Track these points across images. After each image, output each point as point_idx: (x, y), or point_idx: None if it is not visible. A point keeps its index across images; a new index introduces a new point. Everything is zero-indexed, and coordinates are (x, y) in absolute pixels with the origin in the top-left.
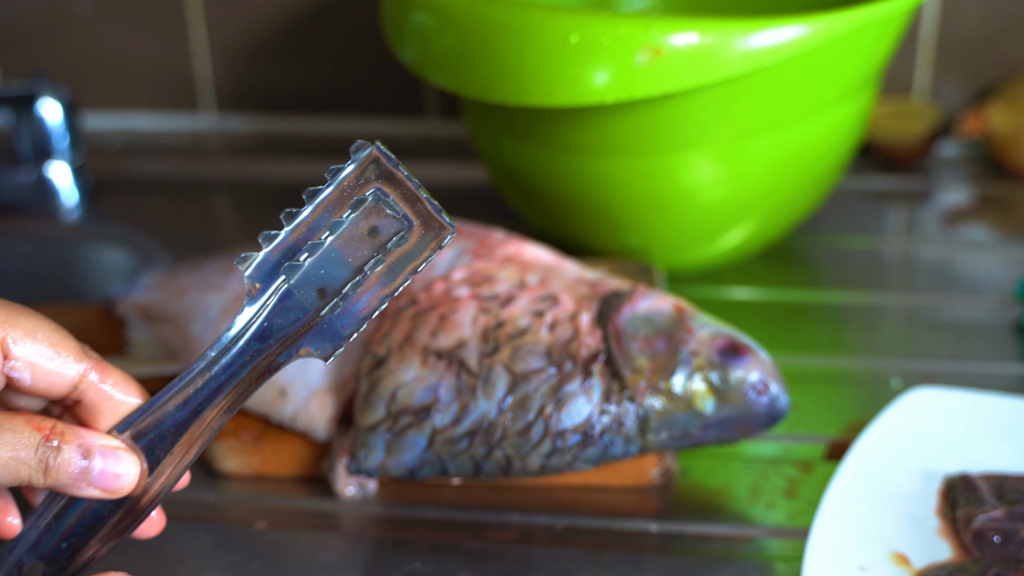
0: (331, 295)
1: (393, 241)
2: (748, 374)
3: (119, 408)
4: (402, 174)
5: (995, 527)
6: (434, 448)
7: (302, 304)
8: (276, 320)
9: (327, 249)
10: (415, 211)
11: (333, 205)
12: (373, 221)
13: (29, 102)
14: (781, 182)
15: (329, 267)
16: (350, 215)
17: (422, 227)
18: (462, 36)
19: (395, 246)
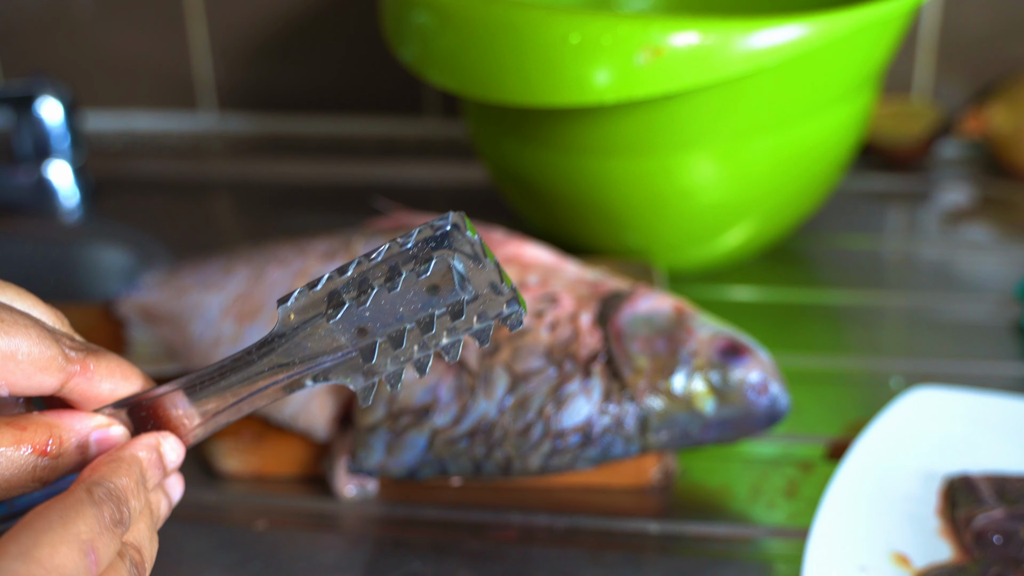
0: (372, 335)
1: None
2: (748, 374)
3: (116, 394)
4: (479, 246)
5: (995, 527)
6: (434, 448)
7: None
8: (306, 344)
9: (378, 295)
10: (481, 281)
11: (397, 260)
12: (436, 282)
13: (29, 102)
14: (781, 182)
15: (378, 312)
16: (411, 271)
17: (488, 300)
18: (462, 36)
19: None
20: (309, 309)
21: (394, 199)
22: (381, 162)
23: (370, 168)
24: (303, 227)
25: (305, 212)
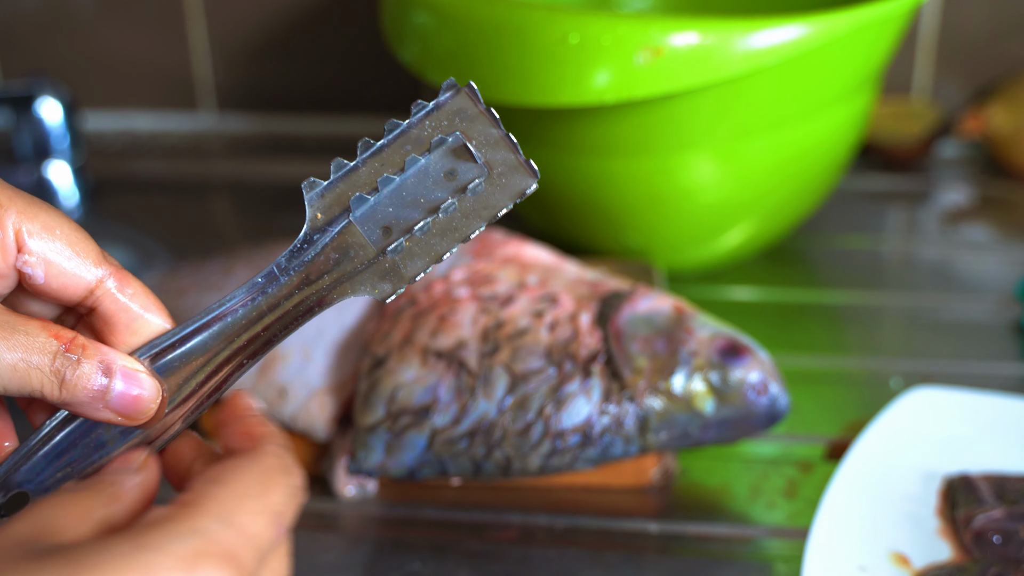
0: (397, 234)
1: (472, 187)
2: (748, 374)
3: (136, 323)
4: (491, 117)
5: (995, 527)
6: (434, 448)
7: (365, 240)
8: (333, 255)
9: (399, 186)
10: (499, 158)
11: (411, 143)
12: (452, 164)
13: (29, 102)
14: (781, 182)
15: (399, 206)
16: (428, 154)
17: (503, 175)
18: (462, 36)
19: (473, 192)
20: (334, 206)
21: None
22: None
23: None
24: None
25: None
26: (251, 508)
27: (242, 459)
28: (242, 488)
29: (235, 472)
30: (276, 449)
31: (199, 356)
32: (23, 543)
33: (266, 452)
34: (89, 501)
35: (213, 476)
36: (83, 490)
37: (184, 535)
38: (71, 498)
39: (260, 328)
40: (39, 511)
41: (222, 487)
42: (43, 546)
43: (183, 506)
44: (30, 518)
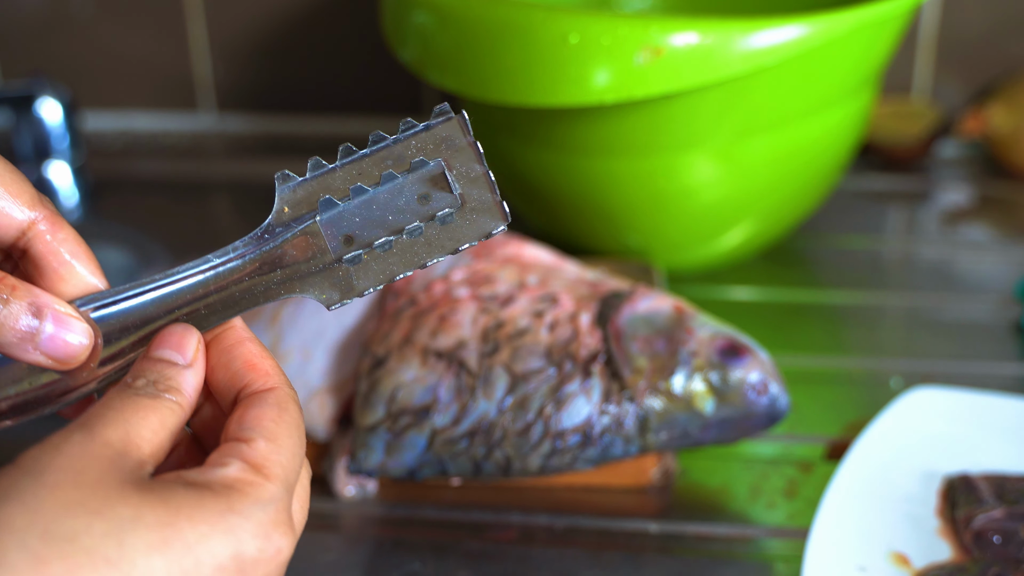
0: (358, 246)
1: (441, 215)
2: (748, 374)
3: (64, 269)
4: (476, 152)
5: (995, 527)
6: (434, 448)
7: (325, 245)
8: (291, 251)
9: (370, 199)
10: (475, 194)
11: (393, 158)
12: (427, 189)
13: (29, 102)
14: (781, 182)
15: (366, 218)
16: (407, 174)
17: (475, 211)
18: (462, 36)
19: (442, 221)
20: (302, 204)
21: None
22: None
23: None
24: None
25: None
26: (298, 462)
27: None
28: (292, 448)
29: (283, 429)
30: (291, 391)
31: (135, 318)
32: (118, 457)
33: (289, 397)
34: (161, 411)
35: (268, 435)
36: (155, 398)
37: (264, 504)
38: (143, 405)
39: (201, 305)
40: (121, 419)
41: (280, 450)
42: (134, 462)
43: (256, 471)
44: (116, 425)
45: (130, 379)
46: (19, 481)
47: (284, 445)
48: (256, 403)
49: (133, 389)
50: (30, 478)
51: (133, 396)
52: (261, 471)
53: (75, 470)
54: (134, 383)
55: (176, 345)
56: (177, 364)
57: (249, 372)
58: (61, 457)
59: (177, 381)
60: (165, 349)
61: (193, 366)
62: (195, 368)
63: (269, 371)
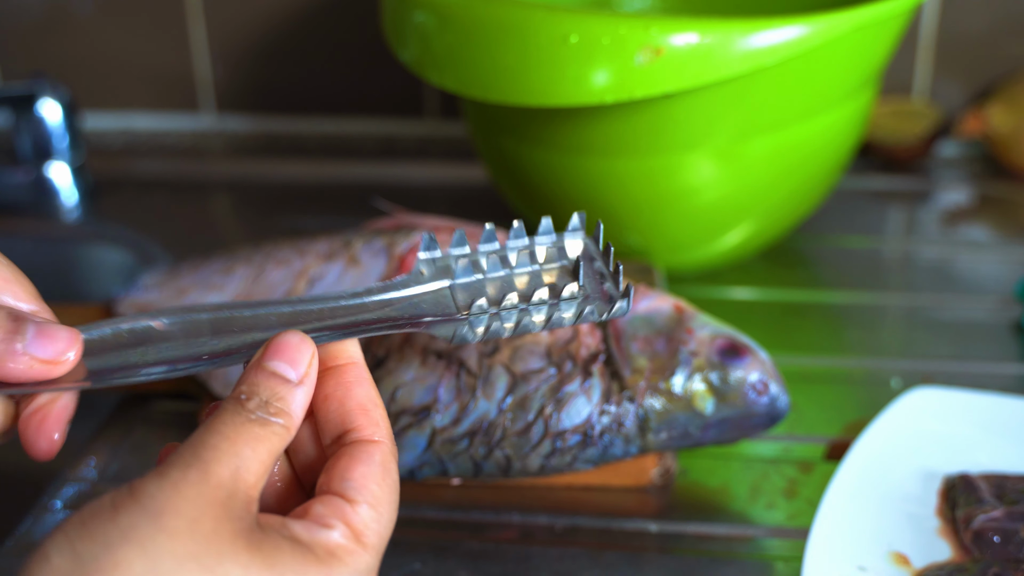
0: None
1: (564, 297)
2: (748, 374)
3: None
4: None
5: (995, 527)
6: (434, 448)
7: (452, 303)
8: (421, 303)
9: (505, 275)
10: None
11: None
12: (557, 280)
13: (29, 102)
14: (781, 182)
15: (496, 289)
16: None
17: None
18: (462, 36)
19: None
20: (438, 272)
21: (394, 199)
22: (381, 162)
23: (370, 168)
24: (303, 227)
25: (305, 212)
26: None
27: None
28: (391, 516)
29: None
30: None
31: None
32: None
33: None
34: (271, 440)
35: (374, 500)
36: (266, 425)
37: (359, 573)
38: (254, 436)
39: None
40: (233, 452)
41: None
42: (242, 500)
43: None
44: (228, 460)
45: (243, 395)
46: (138, 522)
47: (384, 513)
48: (364, 459)
49: (246, 413)
50: (148, 520)
51: (245, 423)
52: (361, 540)
53: (191, 518)
54: (247, 404)
55: (291, 359)
56: (290, 381)
57: (361, 416)
58: (179, 499)
59: (287, 402)
60: (278, 361)
61: (304, 383)
62: (306, 386)
63: (379, 422)
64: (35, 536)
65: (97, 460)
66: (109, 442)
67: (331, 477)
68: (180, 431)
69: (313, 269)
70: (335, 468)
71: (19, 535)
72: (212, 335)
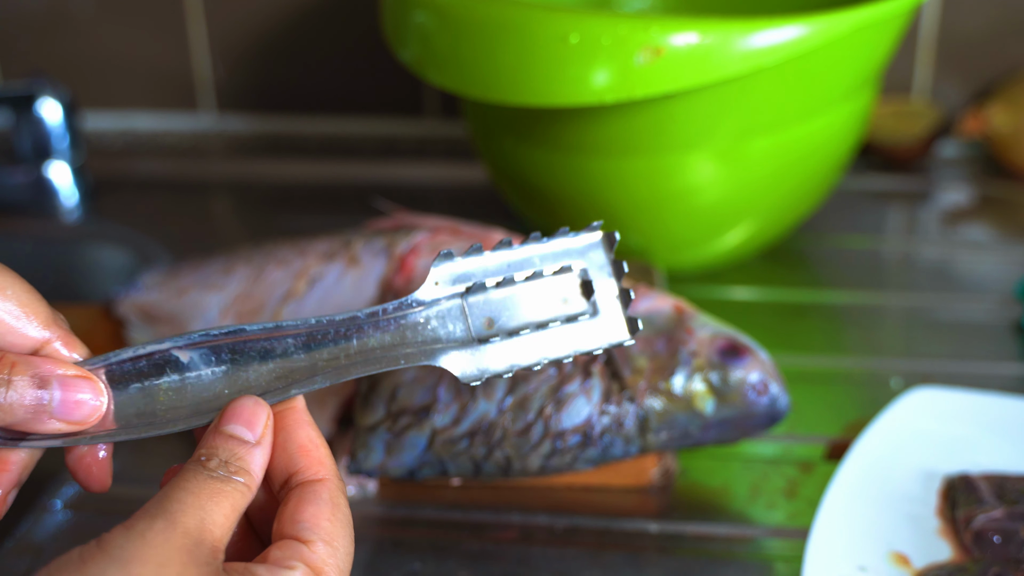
0: (497, 330)
1: (578, 319)
2: (748, 374)
3: None
4: (617, 270)
5: (995, 527)
6: (434, 448)
7: (467, 322)
8: (433, 322)
9: (516, 290)
10: (607, 306)
11: (542, 258)
12: (569, 293)
13: (29, 102)
14: (781, 182)
15: (509, 306)
16: (554, 275)
17: (605, 322)
18: (462, 36)
19: (574, 325)
20: (452, 282)
21: (394, 199)
22: (381, 162)
23: (370, 168)
24: (303, 227)
25: (305, 212)
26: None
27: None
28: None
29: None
30: (341, 484)
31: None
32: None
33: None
34: (233, 496)
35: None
36: (227, 481)
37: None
38: (216, 491)
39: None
40: (198, 504)
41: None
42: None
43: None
44: (193, 512)
45: (203, 457)
46: (107, 570)
47: (340, 546)
48: (311, 499)
49: (207, 471)
50: (116, 568)
51: (207, 479)
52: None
53: (158, 563)
54: (207, 464)
55: (247, 421)
56: (247, 443)
57: (303, 458)
58: (146, 548)
59: (246, 461)
60: (235, 424)
61: (261, 444)
62: (263, 446)
63: (323, 460)
64: (35, 536)
65: None
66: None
67: (283, 522)
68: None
69: (313, 269)
70: (286, 512)
71: (19, 535)
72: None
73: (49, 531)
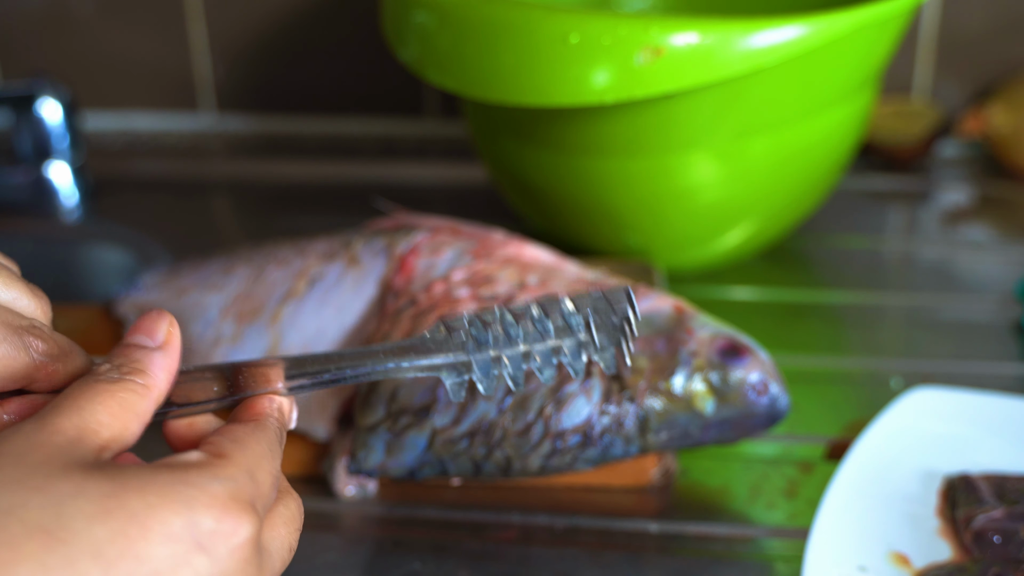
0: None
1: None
2: (748, 374)
3: None
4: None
5: (995, 527)
6: (434, 448)
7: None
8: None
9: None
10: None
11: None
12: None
13: (29, 102)
14: (781, 182)
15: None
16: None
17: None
18: (462, 36)
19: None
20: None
21: (394, 199)
22: (381, 162)
23: (370, 168)
24: (303, 227)
25: (305, 212)
26: (266, 468)
27: (254, 427)
28: (259, 451)
29: (253, 437)
30: (276, 423)
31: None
32: (69, 444)
33: (270, 425)
34: (121, 393)
35: (234, 437)
36: (116, 381)
37: (220, 479)
38: (101, 390)
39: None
40: (76, 406)
41: (244, 448)
42: (89, 449)
43: (215, 456)
44: (69, 413)
45: (97, 365)
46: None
47: (251, 449)
48: (237, 420)
49: (94, 376)
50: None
51: (92, 383)
52: (220, 457)
53: (16, 454)
54: (97, 370)
55: (147, 330)
56: (146, 347)
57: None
58: (5, 444)
59: (144, 363)
60: (136, 335)
61: (164, 349)
62: (167, 351)
63: (272, 413)
64: None
65: None
66: None
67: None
68: None
69: (313, 269)
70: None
71: None
72: None
73: None
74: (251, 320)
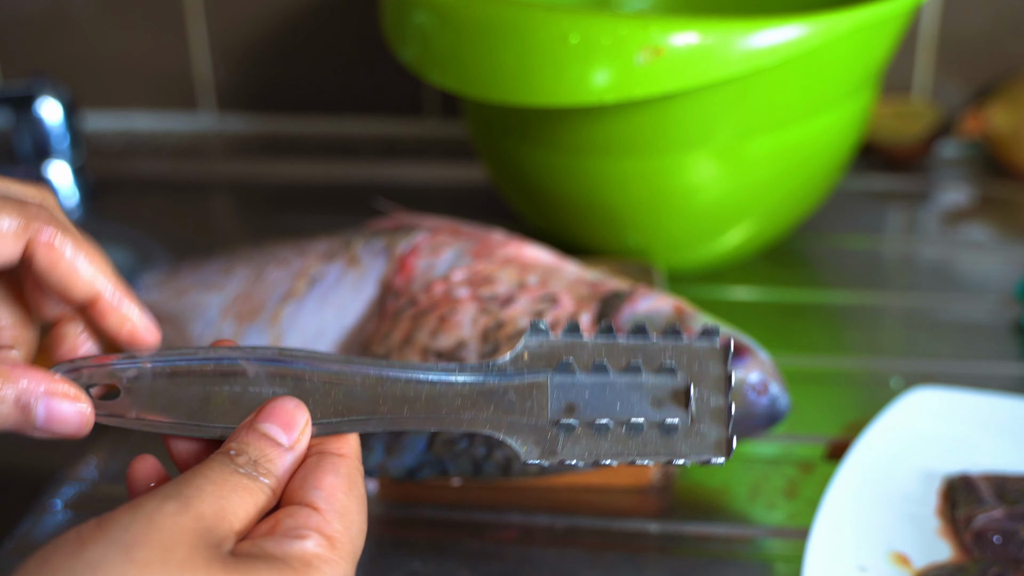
0: (577, 416)
1: (667, 425)
2: (748, 374)
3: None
4: (726, 384)
5: (995, 527)
6: (434, 448)
7: (546, 402)
8: (513, 394)
9: (608, 381)
10: (706, 420)
11: (645, 353)
12: (665, 396)
13: (29, 102)
14: (781, 182)
15: (596, 396)
16: (652, 374)
17: (701, 436)
18: (462, 36)
19: (665, 431)
20: (543, 359)
21: (394, 199)
22: (381, 162)
23: (370, 168)
24: (303, 227)
25: (305, 212)
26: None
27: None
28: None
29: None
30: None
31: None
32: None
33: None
34: (256, 495)
35: (343, 509)
36: (253, 479)
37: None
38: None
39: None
40: (219, 494)
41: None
42: (224, 536)
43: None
44: (212, 500)
45: (233, 452)
46: (107, 556)
47: (355, 522)
48: (330, 470)
49: (234, 465)
50: (119, 552)
51: (233, 473)
52: (335, 548)
53: (164, 547)
54: (236, 459)
55: (284, 424)
56: (280, 446)
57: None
58: (153, 531)
59: (276, 465)
60: (271, 424)
61: (294, 450)
62: (295, 452)
63: (349, 439)
64: (35, 536)
65: (97, 460)
66: (109, 442)
67: (297, 486)
68: None
69: (313, 269)
70: (301, 476)
71: (19, 535)
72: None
73: (49, 531)
74: (251, 320)
